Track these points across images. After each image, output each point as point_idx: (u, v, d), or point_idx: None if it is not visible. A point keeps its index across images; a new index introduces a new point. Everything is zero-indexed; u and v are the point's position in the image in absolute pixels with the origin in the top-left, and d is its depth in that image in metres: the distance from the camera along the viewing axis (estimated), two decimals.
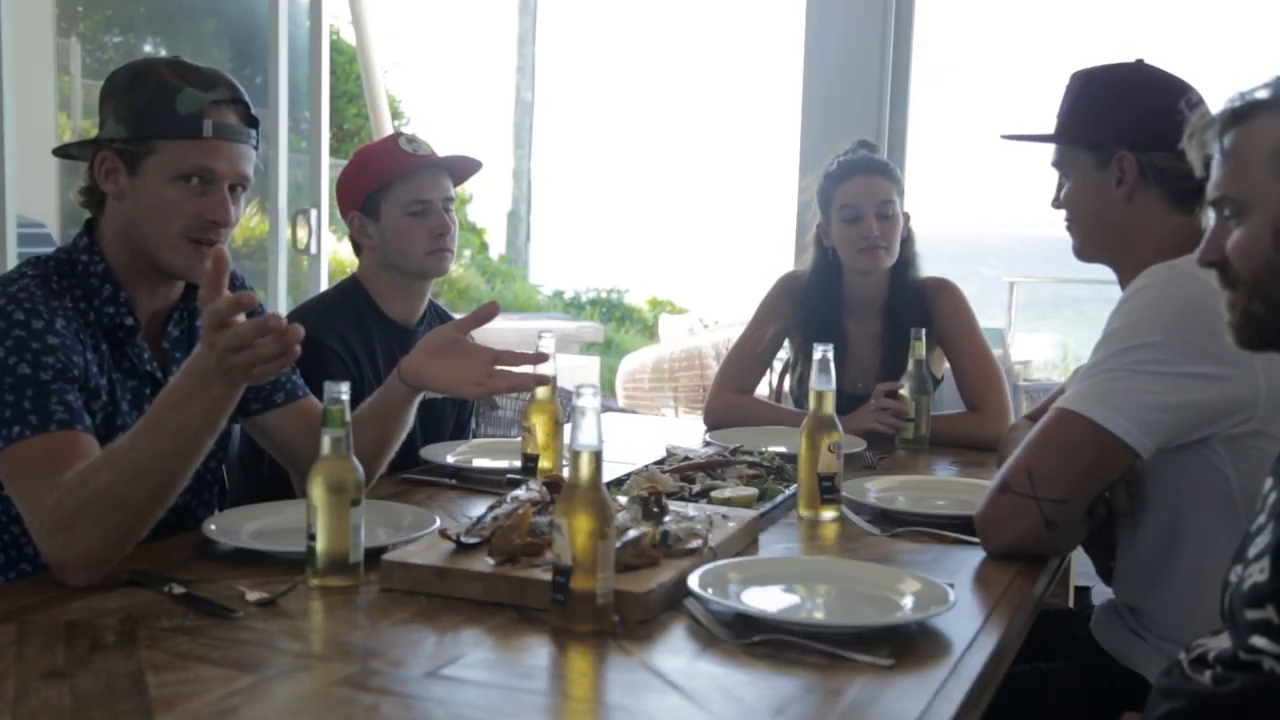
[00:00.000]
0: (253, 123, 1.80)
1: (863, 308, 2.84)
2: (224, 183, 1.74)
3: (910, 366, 2.58)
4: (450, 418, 2.60)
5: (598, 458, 1.36)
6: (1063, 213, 1.90)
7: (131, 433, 1.54)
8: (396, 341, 2.46)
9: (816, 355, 1.91)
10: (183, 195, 1.72)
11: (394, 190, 2.41)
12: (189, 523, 1.84)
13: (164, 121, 1.70)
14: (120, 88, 1.75)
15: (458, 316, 2.69)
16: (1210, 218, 1.37)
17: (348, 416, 1.50)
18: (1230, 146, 1.31)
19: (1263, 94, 1.29)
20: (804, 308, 2.87)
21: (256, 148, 1.82)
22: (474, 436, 2.74)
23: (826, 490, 1.93)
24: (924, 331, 2.58)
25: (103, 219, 1.79)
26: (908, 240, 2.82)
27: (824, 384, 1.90)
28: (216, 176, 1.73)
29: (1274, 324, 1.30)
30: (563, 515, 1.35)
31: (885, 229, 2.73)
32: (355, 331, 2.40)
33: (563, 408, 2.14)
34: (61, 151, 1.86)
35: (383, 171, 2.41)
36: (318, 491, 1.48)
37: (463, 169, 2.53)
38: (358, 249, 2.51)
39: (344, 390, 1.49)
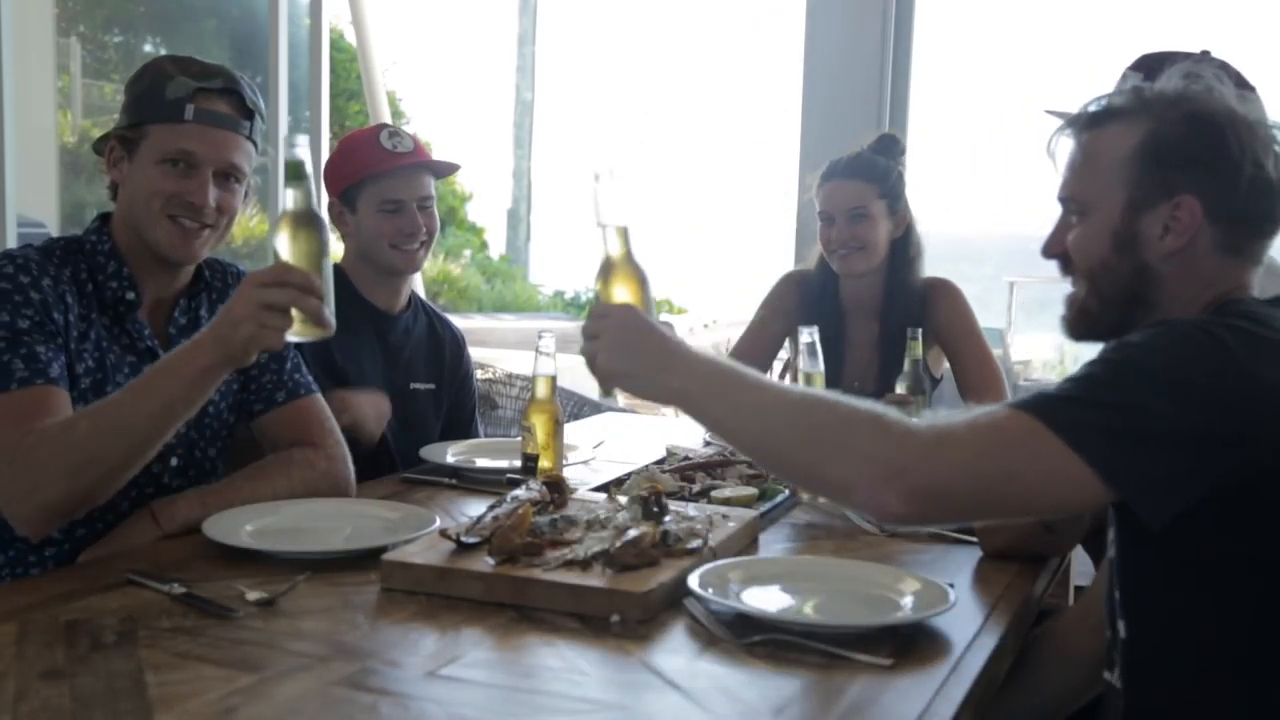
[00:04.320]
0: (246, 114, 1.84)
1: (860, 308, 2.84)
2: (207, 168, 1.80)
3: (906, 366, 2.57)
4: (434, 418, 2.59)
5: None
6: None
7: (118, 393, 1.63)
8: (375, 328, 2.50)
9: (804, 339, 1.91)
10: (164, 176, 1.79)
11: (369, 187, 2.45)
12: None
13: (154, 107, 1.79)
14: (130, 82, 1.84)
15: (450, 318, 2.74)
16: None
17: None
18: (1083, 148, 1.38)
19: (1120, 101, 1.37)
20: (804, 306, 2.87)
21: (252, 139, 1.86)
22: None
23: None
24: (920, 332, 2.57)
25: (117, 208, 1.87)
26: (905, 241, 2.81)
27: (812, 366, 1.89)
28: (197, 160, 1.79)
29: (1105, 319, 1.39)
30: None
31: (857, 231, 2.72)
32: (337, 317, 2.43)
33: (562, 407, 2.14)
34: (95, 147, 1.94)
35: (361, 167, 2.45)
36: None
37: (441, 168, 2.57)
38: (339, 234, 2.56)
39: None
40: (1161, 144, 1.33)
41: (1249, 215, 1.33)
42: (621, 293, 1.48)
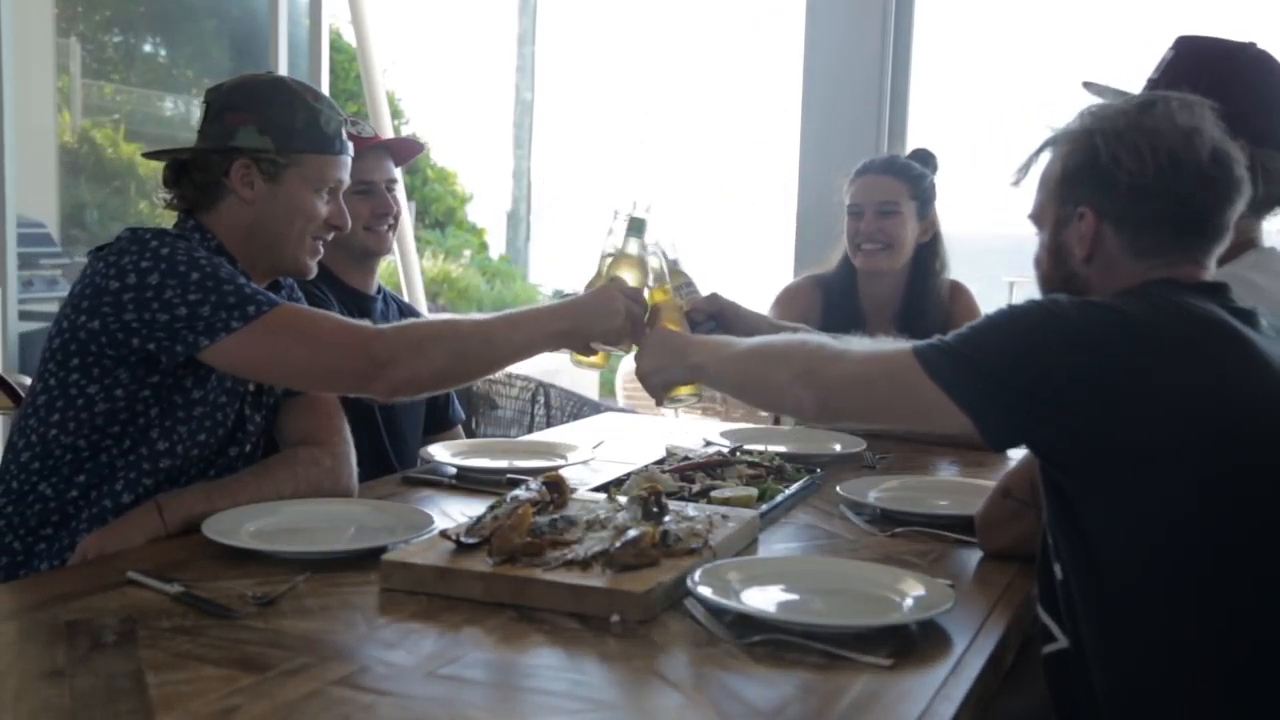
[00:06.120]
0: None
1: (878, 313, 2.82)
2: (339, 190, 1.95)
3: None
4: (419, 408, 2.61)
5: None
6: None
7: (488, 316, 1.82)
8: (360, 309, 2.54)
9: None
10: (320, 203, 1.92)
11: None
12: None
13: (313, 138, 1.89)
14: (261, 102, 1.87)
15: (409, 302, 2.84)
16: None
17: None
18: (1041, 170, 1.54)
19: (1065, 125, 1.51)
20: (827, 308, 2.85)
21: None
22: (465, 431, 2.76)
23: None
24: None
25: (209, 216, 1.90)
26: (931, 249, 2.80)
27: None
28: (340, 186, 1.96)
29: None
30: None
31: (885, 225, 2.72)
32: (325, 302, 2.48)
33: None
34: (155, 155, 1.95)
35: None
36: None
37: (405, 150, 2.67)
38: None
39: None
40: (1068, 163, 1.48)
41: (1143, 218, 1.43)
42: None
